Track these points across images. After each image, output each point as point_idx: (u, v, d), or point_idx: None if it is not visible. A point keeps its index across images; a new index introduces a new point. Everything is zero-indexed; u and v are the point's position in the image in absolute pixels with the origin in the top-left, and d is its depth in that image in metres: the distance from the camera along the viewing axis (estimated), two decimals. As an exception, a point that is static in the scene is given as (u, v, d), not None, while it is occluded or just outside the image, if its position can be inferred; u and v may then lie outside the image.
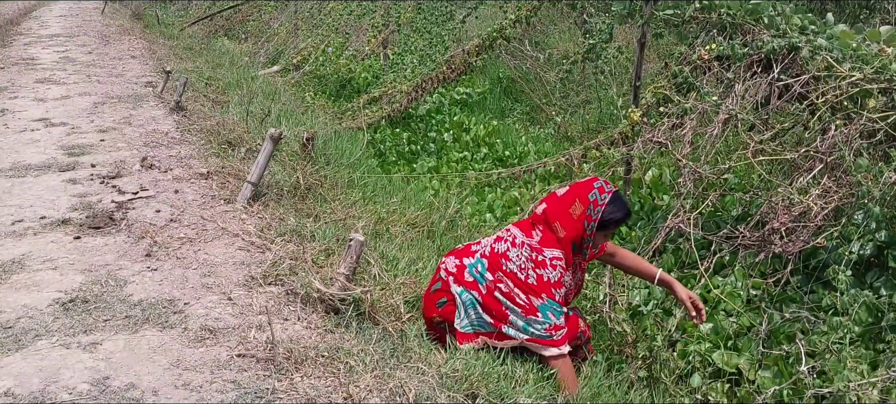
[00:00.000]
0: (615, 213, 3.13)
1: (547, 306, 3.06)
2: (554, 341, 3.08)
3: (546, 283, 3.07)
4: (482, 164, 7.49)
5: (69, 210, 4.30)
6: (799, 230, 4.12)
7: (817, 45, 4.69)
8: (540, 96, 9.51)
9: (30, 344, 2.83)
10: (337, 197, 4.72)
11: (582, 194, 3.13)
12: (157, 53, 10.78)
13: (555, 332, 3.08)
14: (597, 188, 3.13)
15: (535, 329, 3.08)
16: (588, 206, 3.09)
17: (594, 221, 3.09)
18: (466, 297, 3.18)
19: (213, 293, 3.30)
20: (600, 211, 3.09)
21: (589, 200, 3.10)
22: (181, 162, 5.26)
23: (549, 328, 3.07)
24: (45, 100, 7.40)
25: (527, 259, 3.11)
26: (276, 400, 2.52)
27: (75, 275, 3.45)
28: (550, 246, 3.10)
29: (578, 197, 3.13)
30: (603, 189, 3.12)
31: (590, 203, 3.10)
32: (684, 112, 5.21)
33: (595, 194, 3.11)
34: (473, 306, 3.17)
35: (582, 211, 3.10)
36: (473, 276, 3.20)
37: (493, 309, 3.14)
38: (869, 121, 4.22)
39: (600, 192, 3.11)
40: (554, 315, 3.07)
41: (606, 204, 3.10)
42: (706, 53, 5.34)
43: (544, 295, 3.06)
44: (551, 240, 3.12)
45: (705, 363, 3.82)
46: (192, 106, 6.96)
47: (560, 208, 3.15)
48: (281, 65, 11.50)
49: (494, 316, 3.14)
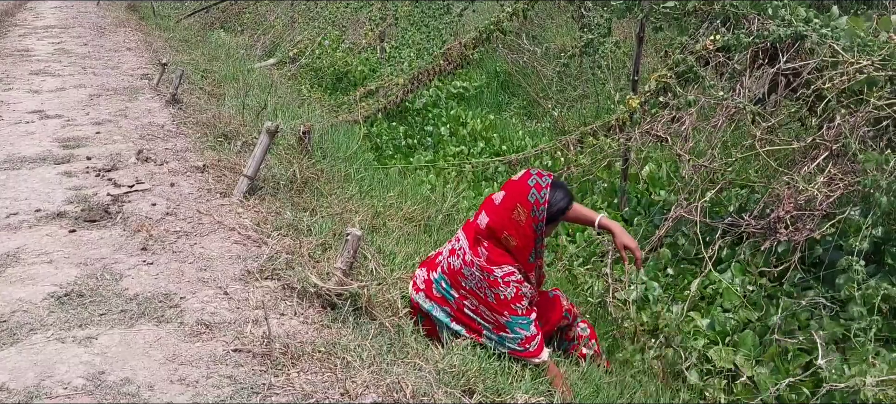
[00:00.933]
0: (560, 202, 3.07)
1: (513, 322, 3.05)
2: (530, 353, 3.09)
3: (504, 301, 3.03)
4: (479, 158, 7.47)
5: (64, 203, 4.28)
6: (804, 218, 4.09)
7: (823, 34, 4.67)
8: (537, 90, 9.49)
9: (24, 338, 2.82)
10: (333, 191, 4.70)
11: (521, 197, 3.01)
12: (152, 45, 10.73)
13: (528, 344, 3.08)
14: (534, 186, 3.02)
15: (509, 344, 3.09)
16: (531, 209, 2.99)
17: (542, 221, 3.01)
18: (439, 314, 3.19)
19: (210, 287, 3.29)
20: (544, 209, 3.00)
21: (530, 202, 3.00)
22: (177, 155, 5.24)
23: (521, 341, 3.08)
24: (40, 91, 7.35)
25: (480, 279, 3.06)
26: (273, 396, 2.51)
27: (70, 268, 3.43)
28: (499, 262, 3.02)
29: (518, 201, 3.01)
30: (539, 185, 3.02)
31: (531, 205, 2.99)
32: (687, 104, 5.17)
33: (534, 194, 3.00)
34: (447, 320, 3.18)
35: (527, 214, 3.00)
36: (440, 292, 3.20)
37: (465, 322, 3.15)
38: (875, 109, 4.18)
39: (538, 190, 3.01)
40: (522, 328, 3.06)
41: (548, 199, 3.01)
42: (711, 43, 5.29)
43: (506, 312, 3.04)
44: (499, 255, 3.03)
45: (703, 359, 3.82)
46: (188, 99, 6.93)
47: (503, 218, 3.03)
48: (277, 58, 11.46)
49: (469, 328, 3.15)
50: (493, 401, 2.70)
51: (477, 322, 3.12)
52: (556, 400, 2.88)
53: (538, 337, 3.10)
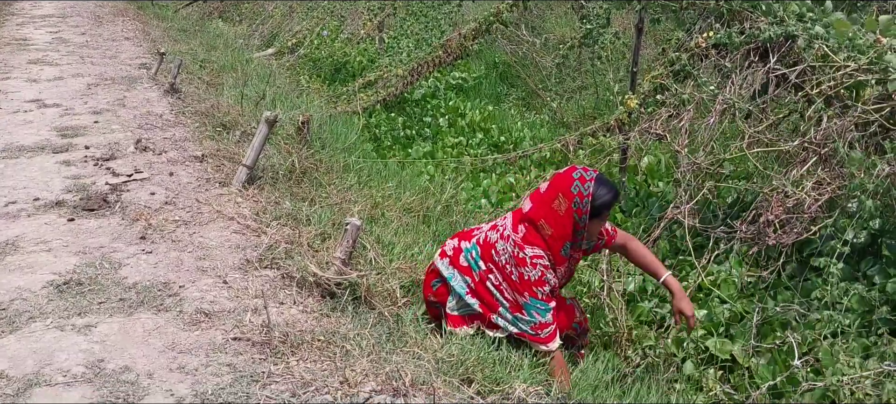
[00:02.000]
0: (604, 197, 3.06)
1: (531, 305, 3.07)
2: (541, 338, 3.10)
3: (527, 282, 3.06)
4: (478, 150, 7.47)
5: (63, 192, 4.28)
6: (793, 222, 4.13)
7: (814, 34, 4.68)
8: (536, 81, 9.48)
9: (24, 327, 2.82)
10: (332, 181, 4.70)
11: (564, 188, 3.05)
12: (151, 35, 10.70)
13: (541, 330, 3.09)
14: (577, 178, 3.04)
15: (522, 325, 3.10)
16: (573, 200, 3.02)
17: (585, 213, 3.03)
18: (458, 282, 3.20)
19: (209, 276, 3.29)
20: (588, 201, 3.02)
21: (572, 193, 3.02)
22: (176, 144, 5.23)
23: (534, 326, 3.09)
24: (38, 81, 7.34)
25: (511, 255, 3.10)
26: (272, 384, 2.52)
27: (69, 257, 3.43)
28: (532, 244, 3.06)
29: (561, 191, 3.05)
30: (584, 178, 3.04)
31: (574, 196, 3.02)
32: (682, 102, 5.19)
33: (577, 186, 3.03)
34: (463, 290, 3.18)
35: (567, 205, 3.03)
36: (468, 262, 3.21)
37: (484, 297, 3.16)
38: (863, 113, 4.21)
39: (582, 182, 3.03)
40: (538, 313, 3.08)
41: (592, 192, 3.03)
42: (703, 41, 5.32)
43: (527, 293, 3.06)
44: (534, 237, 3.07)
45: (699, 350, 3.84)
46: (186, 88, 6.92)
47: (543, 206, 3.08)
48: (276, 47, 11.42)
49: (485, 303, 3.15)
50: (491, 390, 2.71)
51: (495, 298, 3.13)
52: (553, 390, 2.89)
53: (552, 327, 3.11)
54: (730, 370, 3.68)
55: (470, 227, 3.58)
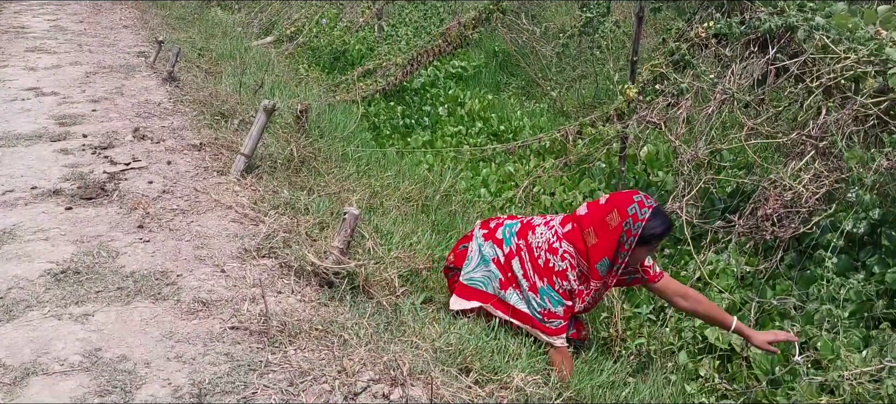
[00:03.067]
0: (656, 228, 3.05)
1: (545, 291, 3.10)
2: (546, 328, 3.10)
3: (551, 269, 3.10)
4: (477, 139, 7.45)
5: (60, 180, 4.27)
6: (791, 216, 4.12)
7: (814, 25, 4.66)
8: (536, 70, 9.44)
9: (21, 315, 2.82)
10: (331, 170, 4.69)
11: (621, 206, 3.06)
12: (149, 23, 10.66)
13: (548, 319, 3.10)
14: (637, 202, 3.05)
15: (532, 307, 3.12)
16: (626, 220, 3.03)
17: (634, 236, 3.03)
18: (487, 250, 3.27)
19: (206, 265, 3.28)
20: (641, 226, 3.01)
21: (628, 213, 3.03)
22: (174, 133, 5.22)
23: (543, 312, 3.10)
24: (36, 69, 7.31)
25: (547, 241, 3.15)
26: (270, 373, 2.52)
27: (67, 245, 3.42)
28: (571, 241, 3.10)
29: (617, 207, 3.07)
30: (643, 203, 3.05)
31: (629, 217, 3.03)
32: (680, 92, 5.18)
33: (635, 208, 3.03)
34: (489, 258, 3.25)
35: (619, 222, 3.04)
36: (504, 236, 3.28)
37: (506, 271, 3.22)
38: (862, 107, 4.20)
39: (640, 206, 3.04)
40: (550, 302, 3.09)
41: (647, 218, 3.02)
42: (704, 30, 5.30)
43: (546, 279, 3.10)
44: (576, 238, 3.10)
45: (697, 339, 3.83)
46: (184, 76, 6.89)
47: (597, 215, 3.10)
48: (274, 36, 11.38)
49: (506, 277, 3.21)
50: (489, 379, 2.70)
51: (517, 275, 3.18)
52: (552, 379, 2.88)
53: (561, 323, 3.11)
54: (728, 360, 3.69)
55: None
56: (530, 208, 5.57)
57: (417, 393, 2.47)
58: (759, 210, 4.25)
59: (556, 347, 3.11)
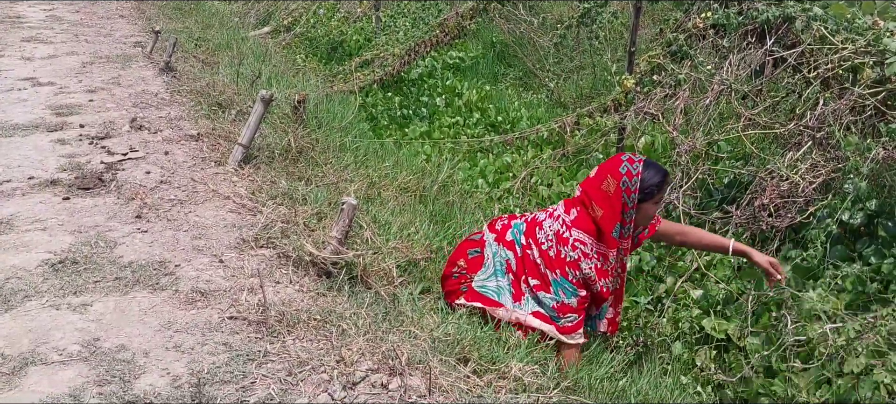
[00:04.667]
0: (654, 178, 3.07)
1: (559, 283, 3.10)
2: (562, 327, 3.10)
3: (563, 260, 3.10)
4: (474, 130, 7.45)
5: (58, 170, 4.26)
6: (788, 206, 4.14)
7: (812, 16, 4.66)
8: (533, 61, 9.44)
9: (19, 305, 2.82)
10: (329, 160, 4.68)
11: (612, 170, 3.09)
12: (146, 13, 10.61)
13: (562, 314, 3.10)
14: (626, 160, 3.08)
15: (545, 305, 3.12)
16: (621, 179, 3.04)
17: (634, 193, 3.04)
18: (499, 255, 3.25)
19: (205, 255, 3.29)
20: (638, 181, 3.03)
21: (620, 173, 3.05)
22: (171, 123, 5.21)
23: (556, 306, 3.10)
24: (32, 59, 7.28)
25: (556, 232, 3.14)
26: (268, 363, 2.52)
27: (64, 235, 3.42)
28: (580, 228, 3.10)
29: (609, 173, 3.09)
30: (632, 159, 3.08)
31: (623, 176, 3.04)
32: (678, 82, 5.18)
33: (625, 166, 3.06)
34: (503, 265, 3.23)
35: (616, 185, 3.05)
36: (513, 237, 3.27)
37: (520, 274, 3.20)
38: (859, 98, 4.21)
39: (630, 163, 3.07)
40: (564, 293, 3.09)
41: (641, 172, 3.04)
42: (701, 21, 5.30)
43: (558, 271, 3.10)
44: (585, 221, 3.10)
45: (694, 329, 3.85)
46: (181, 67, 6.87)
47: (593, 188, 3.12)
48: (271, 26, 11.36)
49: (519, 284, 3.19)
50: (487, 369, 2.71)
51: (528, 278, 3.17)
52: (550, 369, 2.89)
53: (576, 317, 3.12)
54: (725, 349, 3.70)
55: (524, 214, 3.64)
56: (528, 199, 5.58)
57: (416, 383, 2.48)
58: (757, 200, 4.27)
59: (572, 345, 3.12)
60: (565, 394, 2.74)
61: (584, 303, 3.15)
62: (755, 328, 3.64)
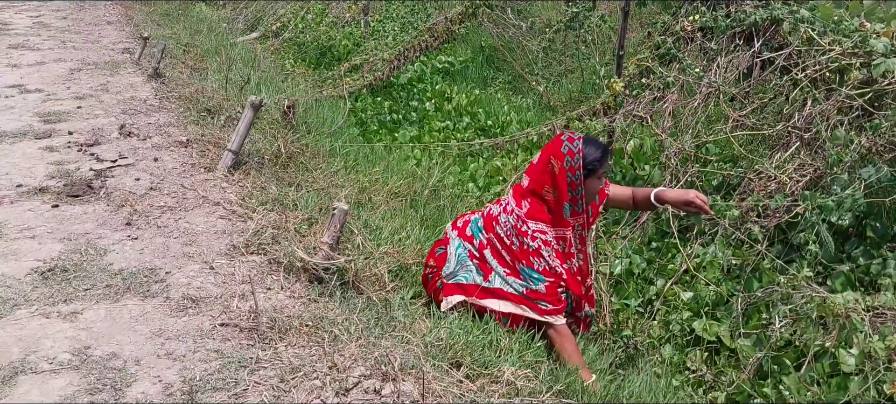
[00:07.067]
0: (595, 153, 3.17)
1: (526, 271, 3.18)
2: (538, 308, 3.15)
3: (526, 251, 3.18)
4: (464, 134, 7.45)
5: (46, 178, 4.23)
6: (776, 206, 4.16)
7: (799, 18, 4.70)
8: (522, 65, 9.46)
9: (8, 314, 2.79)
10: (319, 165, 4.68)
11: (554, 151, 3.18)
12: (133, 19, 10.57)
13: (533, 298, 3.16)
14: (566, 139, 3.18)
15: (515, 287, 3.19)
16: (564, 159, 3.13)
17: (578, 170, 3.13)
18: (461, 249, 3.34)
19: (195, 262, 3.27)
20: (580, 158, 3.12)
21: (563, 153, 3.14)
22: (160, 129, 5.19)
23: (528, 291, 3.16)
24: (19, 66, 7.24)
25: (513, 226, 3.22)
26: (260, 369, 2.52)
27: (54, 243, 3.40)
28: (535, 218, 3.18)
29: (552, 155, 3.18)
30: (571, 139, 3.17)
31: (565, 155, 3.13)
32: (666, 85, 5.21)
33: (566, 146, 3.15)
34: (465, 253, 3.32)
35: (560, 166, 3.14)
36: (472, 231, 3.37)
37: (483, 262, 3.28)
38: (847, 99, 4.25)
39: (570, 141, 3.16)
40: (532, 281, 3.17)
41: (582, 149, 3.13)
42: (689, 24, 5.34)
43: (524, 261, 3.18)
44: (538, 210, 3.19)
45: (685, 331, 3.86)
46: (170, 73, 6.85)
47: (540, 173, 3.20)
48: (260, 32, 11.34)
49: (483, 268, 3.27)
50: (479, 374, 2.71)
51: (491, 264, 3.25)
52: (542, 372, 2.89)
53: (547, 304, 3.17)
54: (716, 352, 3.72)
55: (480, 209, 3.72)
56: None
57: (409, 388, 2.48)
58: (745, 201, 4.30)
59: (554, 327, 3.16)
60: (558, 398, 2.74)
61: (554, 289, 3.19)
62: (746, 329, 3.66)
